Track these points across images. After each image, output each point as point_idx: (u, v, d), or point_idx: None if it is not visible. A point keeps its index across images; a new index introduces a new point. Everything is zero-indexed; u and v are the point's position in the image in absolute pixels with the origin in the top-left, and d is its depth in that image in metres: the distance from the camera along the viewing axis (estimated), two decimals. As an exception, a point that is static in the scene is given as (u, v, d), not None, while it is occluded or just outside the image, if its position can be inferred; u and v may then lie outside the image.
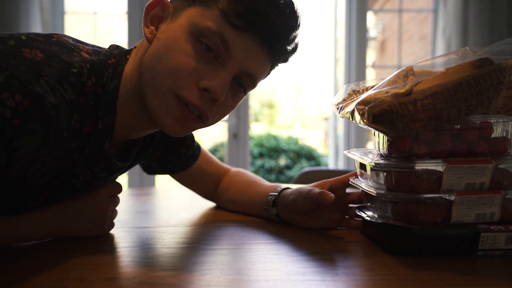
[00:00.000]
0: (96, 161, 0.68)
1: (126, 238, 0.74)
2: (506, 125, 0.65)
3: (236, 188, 0.95)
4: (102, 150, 0.67)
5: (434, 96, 0.56)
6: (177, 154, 0.92)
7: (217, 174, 0.99)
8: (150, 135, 0.83)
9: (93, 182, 0.71)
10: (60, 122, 0.58)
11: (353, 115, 0.63)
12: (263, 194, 0.87)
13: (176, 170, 0.95)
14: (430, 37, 2.76)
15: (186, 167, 0.95)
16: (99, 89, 0.65)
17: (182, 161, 0.94)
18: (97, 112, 0.65)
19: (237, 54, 0.63)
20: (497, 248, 0.62)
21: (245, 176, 0.98)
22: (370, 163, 0.65)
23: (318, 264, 0.60)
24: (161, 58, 0.63)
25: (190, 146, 0.93)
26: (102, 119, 0.65)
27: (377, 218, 0.67)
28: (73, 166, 0.66)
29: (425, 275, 0.56)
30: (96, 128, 0.65)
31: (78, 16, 2.88)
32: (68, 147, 0.62)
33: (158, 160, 0.92)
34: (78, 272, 0.57)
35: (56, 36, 0.64)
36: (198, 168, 0.97)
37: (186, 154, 0.93)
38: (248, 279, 0.55)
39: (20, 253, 0.64)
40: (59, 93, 0.58)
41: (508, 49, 0.58)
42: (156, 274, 0.56)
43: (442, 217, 0.62)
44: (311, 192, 0.76)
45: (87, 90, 0.63)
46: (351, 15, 2.62)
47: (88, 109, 0.63)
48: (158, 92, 0.64)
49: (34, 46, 0.59)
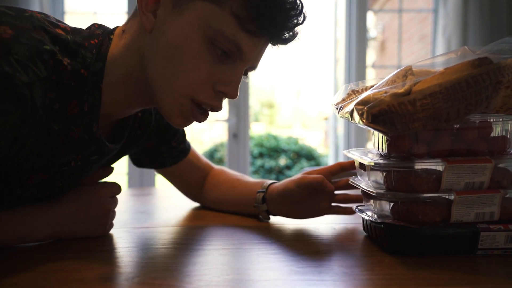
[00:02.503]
0: (86, 144, 0.67)
1: (126, 238, 0.74)
2: (506, 124, 0.65)
3: (223, 188, 0.95)
4: (91, 132, 0.66)
5: (433, 96, 0.56)
6: (168, 147, 0.91)
7: (204, 171, 0.99)
8: (143, 119, 0.82)
9: (85, 166, 0.70)
10: (35, 100, 0.56)
11: (352, 115, 0.63)
12: (250, 191, 0.88)
13: (166, 164, 0.94)
14: (430, 37, 2.76)
15: (176, 161, 0.94)
16: (83, 70, 0.63)
17: (173, 155, 0.93)
18: (82, 94, 0.63)
19: (249, 56, 0.64)
20: (496, 247, 0.62)
21: (229, 175, 0.97)
22: (370, 162, 0.65)
23: (318, 264, 0.61)
24: (172, 59, 0.62)
25: (181, 140, 0.92)
26: (87, 101, 0.64)
27: (377, 218, 0.67)
28: (61, 151, 0.65)
29: (424, 274, 0.56)
30: (82, 110, 0.64)
31: (78, 16, 2.88)
32: (49, 128, 0.61)
33: (150, 152, 0.91)
34: (77, 272, 0.57)
35: (30, 12, 0.61)
36: (188, 163, 0.96)
37: (177, 148, 0.92)
38: (247, 279, 0.55)
39: (20, 253, 0.64)
40: (32, 71, 0.55)
41: (507, 48, 0.58)
42: (155, 274, 0.56)
43: (441, 216, 0.62)
44: (306, 178, 0.78)
45: (63, 69, 0.60)
46: (351, 15, 2.62)
47: (69, 90, 0.62)
48: (172, 95, 0.64)
49: (3, 21, 0.56)
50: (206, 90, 0.64)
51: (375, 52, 7.11)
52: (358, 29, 2.59)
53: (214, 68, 0.63)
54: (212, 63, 0.63)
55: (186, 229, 0.81)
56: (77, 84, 0.63)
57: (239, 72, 0.65)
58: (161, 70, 0.63)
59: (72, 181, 0.71)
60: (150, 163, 0.94)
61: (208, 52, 0.62)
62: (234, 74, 0.64)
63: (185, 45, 0.62)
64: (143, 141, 0.86)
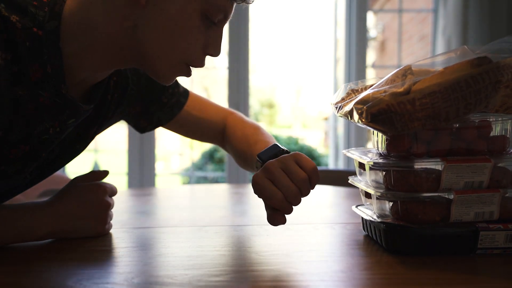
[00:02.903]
0: (60, 108, 0.66)
1: (126, 238, 0.74)
2: (505, 124, 0.65)
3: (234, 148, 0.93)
4: (61, 94, 0.65)
5: (432, 95, 0.56)
6: (159, 105, 0.89)
7: (215, 120, 0.96)
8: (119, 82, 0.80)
9: (64, 131, 0.69)
10: None
11: (351, 114, 0.63)
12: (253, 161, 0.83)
13: (163, 122, 0.92)
14: (430, 37, 2.76)
15: (172, 117, 0.92)
16: (36, 29, 0.60)
17: (166, 111, 0.90)
18: (42, 55, 0.61)
19: (229, 17, 0.69)
20: (496, 246, 0.62)
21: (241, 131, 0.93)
22: (369, 162, 0.65)
23: (317, 264, 0.61)
24: (173, 34, 0.64)
25: (173, 94, 0.90)
26: (48, 62, 0.62)
27: (376, 217, 0.67)
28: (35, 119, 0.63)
29: (424, 274, 0.56)
30: (45, 72, 0.62)
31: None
32: (14, 94, 0.60)
33: (142, 114, 0.89)
34: (77, 272, 0.57)
35: None
36: (189, 115, 0.93)
37: (169, 103, 0.90)
38: (247, 279, 0.55)
39: (20, 253, 0.64)
40: None
41: (506, 48, 0.58)
42: (156, 274, 0.56)
43: (441, 216, 0.62)
44: None
45: (11, 26, 0.58)
46: (351, 15, 2.62)
47: (25, 51, 0.60)
48: (170, 63, 0.67)
49: None
50: (200, 55, 0.68)
51: (375, 52, 7.11)
52: (358, 29, 2.59)
53: (205, 36, 0.67)
54: (204, 32, 0.67)
55: (186, 229, 0.81)
56: (33, 44, 0.60)
57: (221, 33, 0.69)
58: (160, 43, 0.65)
59: (55, 149, 0.71)
60: (149, 125, 0.92)
61: (203, 24, 0.66)
62: (219, 36, 0.69)
63: (187, 22, 0.64)
64: (125, 107, 0.84)
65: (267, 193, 0.66)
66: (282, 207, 0.66)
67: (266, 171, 0.68)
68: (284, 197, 0.66)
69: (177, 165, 8.71)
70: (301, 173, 0.66)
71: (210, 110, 0.97)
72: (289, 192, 0.66)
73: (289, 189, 0.66)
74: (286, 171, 0.67)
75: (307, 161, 0.68)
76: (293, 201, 0.66)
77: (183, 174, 6.70)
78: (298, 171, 0.67)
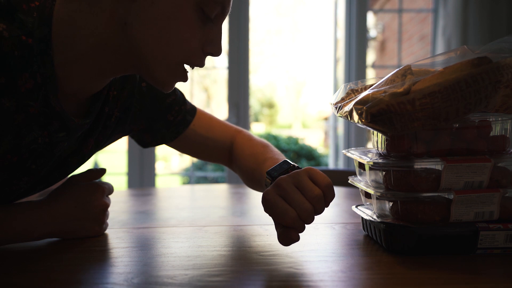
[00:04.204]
0: (48, 119, 0.63)
1: (126, 238, 0.74)
2: (505, 124, 0.65)
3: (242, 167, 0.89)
4: (50, 106, 0.62)
5: (432, 95, 0.56)
6: (163, 123, 0.86)
7: (222, 140, 0.92)
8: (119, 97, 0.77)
9: (55, 144, 0.66)
10: None
11: (351, 114, 0.63)
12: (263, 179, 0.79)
13: (167, 140, 0.89)
14: (430, 37, 2.76)
15: (177, 135, 0.88)
16: (25, 37, 0.57)
17: (171, 129, 0.87)
18: (32, 65, 0.59)
19: (228, 11, 0.66)
20: (496, 246, 0.62)
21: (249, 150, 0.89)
22: (369, 162, 0.65)
23: (317, 264, 0.61)
24: (167, 29, 0.61)
25: (179, 111, 0.87)
26: (38, 71, 0.59)
27: (376, 217, 0.67)
28: (24, 130, 0.61)
29: (424, 274, 0.56)
30: (36, 82, 0.59)
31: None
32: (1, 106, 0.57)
33: (146, 131, 0.86)
34: (77, 272, 0.57)
35: None
36: (195, 134, 0.90)
37: (174, 122, 0.87)
38: (247, 279, 0.55)
39: (20, 253, 0.64)
40: None
41: (506, 47, 0.58)
42: (156, 274, 0.56)
43: (441, 215, 0.62)
44: None
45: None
46: (351, 15, 2.62)
47: (14, 61, 0.57)
48: (168, 65, 0.64)
49: None
50: (198, 53, 0.65)
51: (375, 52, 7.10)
52: (358, 29, 2.59)
53: (203, 32, 0.64)
54: (201, 28, 0.63)
55: (186, 229, 0.81)
56: (22, 53, 0.57)
57: (221, 29, 0.66)
58: (155, 41, 0.61)
59: (46, 161, 0.67)
60: (153, 141, 0.89)
61: (199, 18, 0.63)
62: (218, 33, 0.66)
63: (180, 15, 0.61)
64: (128, 125, 0.82)
65: (279, 210, 0.61)
66: (295, 226, 0.61)
67: (277, 187, 0.62)
68: (297, 215, 0.60)
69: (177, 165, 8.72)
70: (316, 190, 0.61)
71: (217, 128, 0.93)
72: (302, 210, 0.60)
73: (303, 207, 0.60)
74: (299, 187, 0.61)
75: (322, 177, 0.62)
76: (307, 219, 0.61)
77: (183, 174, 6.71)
78: (312, 187, 0.61)
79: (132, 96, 0.79)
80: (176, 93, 0.87)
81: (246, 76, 2.57)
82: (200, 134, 0.90)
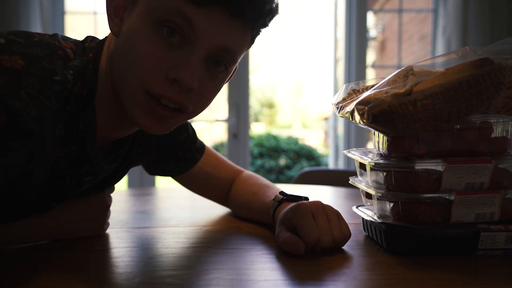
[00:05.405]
0: (80, 163, 0.64)
1: (126, 238, 0.74)
2: (506, 125, 0.65)
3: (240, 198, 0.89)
4: (85, 151, 0.64)
5: (434, 96, 0.56)
6: (173, 158, 0.88)
7: (225, 179, 0.93)
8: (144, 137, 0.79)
9: (80, 185, 0.68)
10: (44, 135, 0.54)
11: (352, 115, 0.63)
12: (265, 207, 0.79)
13: (173, 173, 0.91)
14: (430, 37, 2.76)
15: (183, 171, 0.90)
16: (83, 90, 0.60)
17: (179, 165, 0.89)
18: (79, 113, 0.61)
19: (204, 30, 0.56)
20: (497, 247, 0.62)
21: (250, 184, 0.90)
22: (370, 162, 0.65)
23: (318, 264, 0.60)
24: (126, 53, 0.58)
25: (189, 149, 0.89)
26: (82, 119, 0.61)
27: (377, 218, 0.67)
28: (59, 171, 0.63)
29: (424, 274, 0.56)
30: (78, 129, 0.61)
31: (78, 16, 2.88)
32: (57, 157, 0.60)
33: (155, 163, 0.89)
34: (77, 272, 0.57)
35: (38, 36, 0.59)
36: (201, 171, 0.91)
37: (184, 158, 0.89)
38: (248, 279, 0.55)
39: (20, 253, 0.64)
40: (43, 104, 0.53)
41: (508, 49, 0.58)
42: (156, 274, 0.56)
43: (441, 216, 0.62)
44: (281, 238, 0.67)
45: (74, 97, 0.59)
46: (351, 15, 2.62)
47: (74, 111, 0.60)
48: (128, 91, 0.59)
49: (14, 51, 0.54)
50: (158, 78, 0.57)
51: (375, 52, 7.10)
52: (358, 29, 2.59)
53: (166, 54, 0.57)
54: (164, 50, 0.57)
55: (186, 229, 0.81)
56: (81, 105, 0.61)
57: (195, 56, 0.57)
58: (120, 69, 0.60)
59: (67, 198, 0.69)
60: (159, 171, 0.92)
61: (159, 37, 0.57)
62: (188, 59, 0.57)
63: (135, 36, 0.58)
64: (143, 159, 0.85)
65: (309, 225, 0.64)
66: (309, 245, 0.63)
67: (313, 206, 0.67)
68: (319, 238, 0.63)
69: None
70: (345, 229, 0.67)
71: (223, 168, 0.94)
72: (325, 237, 0.64)
73: (327, 234, 0.64)
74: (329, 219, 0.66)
75: (347, 225, 0.68)
76: (323, 244, 0.64)
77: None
78: (342, 226, 0.67)
79: (151, 135, 0.81)
80: (188, 131, 0.88)
81: (246, 76, 2.57)
82: (206, 172, 0.92)
